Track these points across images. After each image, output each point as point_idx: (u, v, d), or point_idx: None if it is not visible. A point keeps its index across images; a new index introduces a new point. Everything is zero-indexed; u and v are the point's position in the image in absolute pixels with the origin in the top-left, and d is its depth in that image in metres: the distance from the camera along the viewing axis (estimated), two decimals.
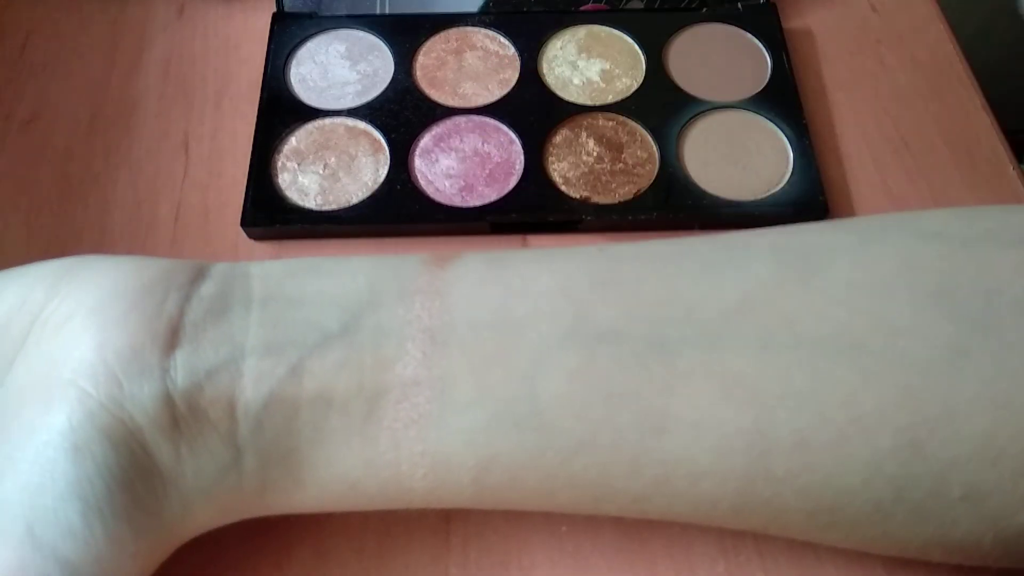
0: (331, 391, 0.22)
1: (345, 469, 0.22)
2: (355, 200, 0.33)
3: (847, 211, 0.34)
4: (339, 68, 0.37)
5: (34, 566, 0.20)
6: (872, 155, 0.35)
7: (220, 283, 0.23)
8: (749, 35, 0.38)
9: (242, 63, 0.38)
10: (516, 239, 0.33)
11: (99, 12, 0.40)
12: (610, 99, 0.36)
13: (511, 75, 0.37)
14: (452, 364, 0.22)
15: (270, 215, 0.33)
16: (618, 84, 0.37)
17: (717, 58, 0.37)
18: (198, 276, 0.23)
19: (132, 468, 0.21)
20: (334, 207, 0.33)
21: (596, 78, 0.37)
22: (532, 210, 0.33)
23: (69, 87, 0.38)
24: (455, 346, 0.22)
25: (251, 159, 0.34)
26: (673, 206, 0.33)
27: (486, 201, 0.33)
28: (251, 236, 0.33)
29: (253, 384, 0.21)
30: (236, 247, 0.33)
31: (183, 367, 0.21)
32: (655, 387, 0.21)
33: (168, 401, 0.21)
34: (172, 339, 0.21)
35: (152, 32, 0.39)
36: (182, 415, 0.21)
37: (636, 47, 0.38)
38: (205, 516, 0.22)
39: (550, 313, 0.22)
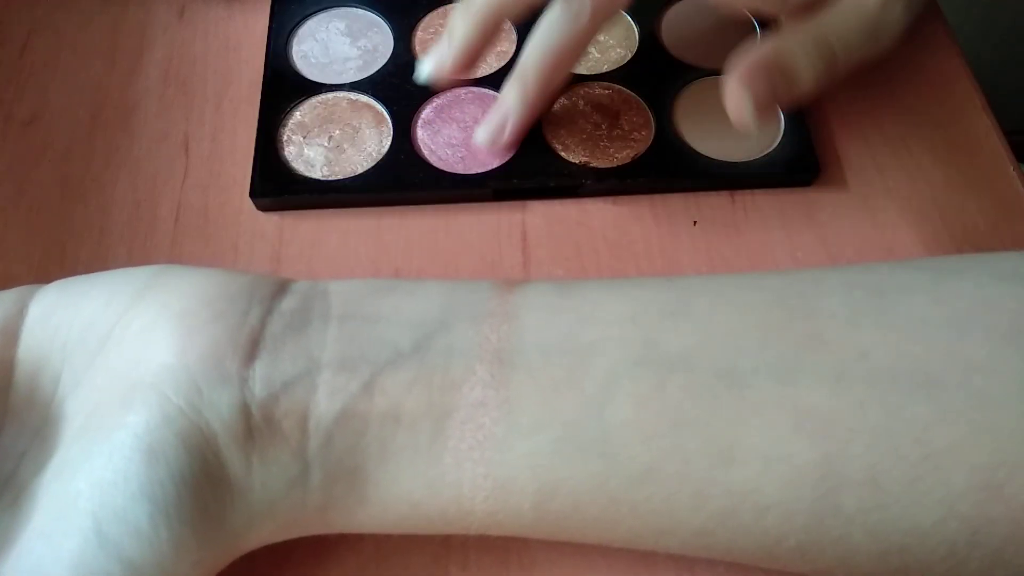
0: (400, 408, 0.22)
1: (408, 489, 0.22)
2: (360, 170, 0.34)
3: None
4: (340, 45, 0.38)
5: (97, 563, 0.20)
6: (872, 155, 0.35)
7: (301, 299, 0.24)
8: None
9: (242, 64, 0.38)
10: (517, 205, 0.34)
11: (99, 13, 0.40)
12: (605, 69, 0.37)
13: (508, 48, 0.38)
14: (519, 387, 0.22)
15: (278, 186, 0.34)
16: (612, 54, 0.37)
17: (709, 27, 0.38)
18: (280, 291, 0.24)
19: (203, 475, 0.21)
20: (340, 177, 0.34)
21: (591, 48, 0.37)
22: (533, 176, 0.34)
23: (69, 87, 0.38)
24: (523, 369, 0.22)
25: (257, 133, 0.35)
26: (670, 169, 0.34)
27: (488, 168, 0.34)
28: (259, 207, 0.34)
29: (327, 398, 0.22)
30: (236, 248, 0.33)
31: (261, 378, 0.22)
32: (725, 417, 0.21)
33: (245, 411, 0.21)
34: (253, 350, 0.22)
35: (153, 33, 0.39)
36: (257, 425, 0.21)
37: (628, 18, 0.38)
38: (266, 530, 0.23)
39: (619, 339, 0.22)
